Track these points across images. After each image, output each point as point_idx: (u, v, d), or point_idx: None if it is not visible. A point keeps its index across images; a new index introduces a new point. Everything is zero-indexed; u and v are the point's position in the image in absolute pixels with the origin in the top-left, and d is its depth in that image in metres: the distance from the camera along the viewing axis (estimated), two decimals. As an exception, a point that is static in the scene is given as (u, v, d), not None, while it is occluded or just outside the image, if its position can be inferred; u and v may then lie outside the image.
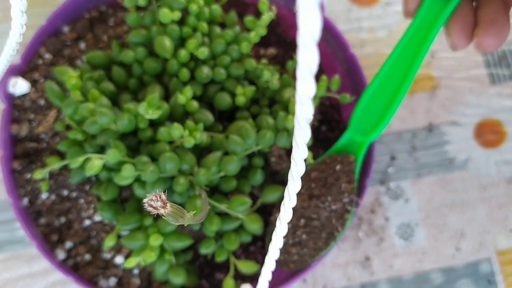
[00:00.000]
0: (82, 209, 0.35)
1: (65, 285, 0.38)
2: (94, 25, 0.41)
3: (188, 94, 0.34)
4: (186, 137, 0.32)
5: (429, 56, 0.50)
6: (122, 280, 0.34)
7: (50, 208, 0.35)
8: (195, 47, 0.36)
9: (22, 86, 0.37)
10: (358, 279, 0.44)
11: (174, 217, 0.20)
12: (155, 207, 0.19)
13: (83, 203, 0.35)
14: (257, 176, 0.35)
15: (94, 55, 0.37)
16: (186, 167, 0.33)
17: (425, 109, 0.48)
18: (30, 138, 0.37)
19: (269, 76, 0.36)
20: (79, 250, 0.35)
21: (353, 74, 0.41)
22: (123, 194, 0.35)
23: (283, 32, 0.43)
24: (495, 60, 0.51)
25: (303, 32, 0.14)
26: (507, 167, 0.48)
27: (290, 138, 0.34)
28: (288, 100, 0.35)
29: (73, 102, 0.33)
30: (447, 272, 0.45)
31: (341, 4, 0.53)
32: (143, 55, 0.36)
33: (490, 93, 0.49)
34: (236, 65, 0.36)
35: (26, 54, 0.37)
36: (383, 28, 0.52)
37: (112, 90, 0.35)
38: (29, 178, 0.36)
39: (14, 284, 0.40)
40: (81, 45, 0.40)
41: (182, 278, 0.33)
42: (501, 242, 0.46)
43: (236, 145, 0.33)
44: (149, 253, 0.31)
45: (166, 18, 0.35)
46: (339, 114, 0.43)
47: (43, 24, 0.38)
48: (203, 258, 0.37)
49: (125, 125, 0.32)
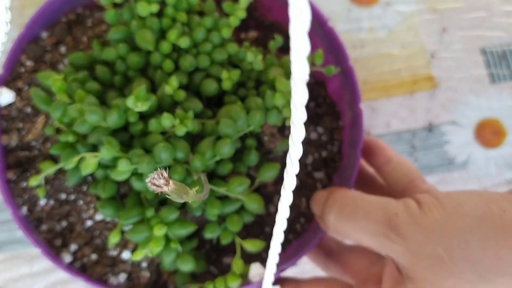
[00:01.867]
0: (82, 210, 0.35)
1: (65, 285, 0.38)
2: (72, 28, 0.40)
3: (174, 83, 0.34)
4: (177, 125, 0.32)
5: (429, 56, 0.51)
6: (131, 275, 0.34)
7: (50, 214, 0.35)
8: (176, 37, 0.36)
9: (7, 96, 0.37)
10: None
11: (178, 194, 0.20)
12: (158, 185, 0.19)
13: (82, 204, 0.35)
14: (251, 157, 0.35)
15: (76, 56, 0.37)
16: (181, 155, 0.33)
17: (425, 109, 0.49)
18: (21, 147, 0.37)
19: (253, 57, 0.36)
20: (84, 251, 0.35)
21: (334, 49, 0.41)
22: (121, 190, 0.35)
23: (261, 16, 0.43)
24: (495, 60, 0.51)
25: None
26: (507, 167, 0.48)
27: (280, 115, 0.34)
28: (274, 78, 0.36)
29: (61, 104, 0.33)
30: None
31: (341, 4, 0.53)
32: (125, 51, 0.36)
33: (490, 93, 0.50)
34: (219, 51, 0.37)
35: (7, 63, 0.37)
36: (383, 28, 0.53)
37: (98, 89, 0.35)
38: (25, 186, 0.36)
39: (14, 284, 0.40)
40: (61, 49, 0.39)
41: (190, 265, 0.33)
42: None
43: (228, 128, 0.33)
44: (155, 243, 0.31)
45: (144, 12, 0.35)
46: (324, 89, 0.44)
47: (22, 31, 0.38)
48: (208, 244, 0.37)
49: (116, 121, 0.32)
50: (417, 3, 0.55)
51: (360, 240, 0.29)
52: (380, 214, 0.28)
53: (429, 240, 0.26)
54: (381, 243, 0.28)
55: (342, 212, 0.30)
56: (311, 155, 0.41)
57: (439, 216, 0.27)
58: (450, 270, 0.26)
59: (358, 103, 0.39)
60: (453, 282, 0.26)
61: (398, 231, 0.27)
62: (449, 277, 0.26)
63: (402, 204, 0.28)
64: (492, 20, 0.55)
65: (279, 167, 0.35)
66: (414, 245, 0.27)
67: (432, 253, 0.26)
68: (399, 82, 0.53)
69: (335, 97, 0.43)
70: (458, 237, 0.26)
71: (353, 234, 0.29)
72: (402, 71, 0.53)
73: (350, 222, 0.29)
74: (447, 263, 0.26)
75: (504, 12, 0.54)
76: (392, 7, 0.53)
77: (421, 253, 0.26)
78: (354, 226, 0.29)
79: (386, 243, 0.28)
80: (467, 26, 0.54)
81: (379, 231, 0.28)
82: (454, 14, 0.55)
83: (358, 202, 0.30)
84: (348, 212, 0.30)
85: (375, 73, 0.52)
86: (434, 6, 0.55)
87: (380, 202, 0.29)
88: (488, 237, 0.25)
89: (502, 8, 0.55)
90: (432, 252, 0.26)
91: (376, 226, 0.28)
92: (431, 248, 0.26)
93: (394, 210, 0.28)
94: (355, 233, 0.29)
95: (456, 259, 0.26)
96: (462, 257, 0.25)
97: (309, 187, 0.40)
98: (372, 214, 0.28)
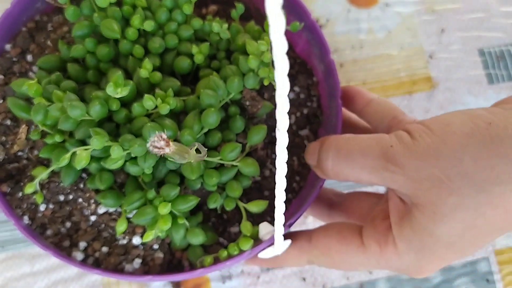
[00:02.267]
0: (83, 207, 0.35)
1: (66, 284, 0.39)
2: (34, 35, 0.40)
3: (148, 66, 0.35)
4: (160, 105, 0.33)
5: (427, 57, 0.52)
6: (145, 258, 0.35)
7: (52, 218, 0.36)
8: (140, 22, 0.36)
9: (-16, 113, 0.36)
10: (357, 278, 0.45)
11: (179, 154, 0.21)
12: (159, 147, 0.20)
13: (82, 201, 0.35)
14: (237, 123, 0.36)
15: (45, 60, 0.37)
16: (169, 133, 0.33)
17: (424, 110, 0.49)
18: (9, 160, 0.37)
19: (219, 27, 0.37)
20: (94, 246, 0.35)
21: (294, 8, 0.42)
22: (118, 180, 0.35)
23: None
24: (493, 60, 0.52)
25: None
26: None
27: (257, 77, 0.35)
28: (244, 43, 0.36)
29: (41, 107, 0.33)
30: (445, 271, 0.46)
31: (340, 6, 0.54)
32: (93, 45, 0.36)
33: (488, 93, 0.51)
34: (185, 27, 0.37)
35: (-23, 80, 0.37)
36: (382, 29, 0.54)
37: (74, 87, 0.35)
38: (22, 196, 0.36)
39: (16, 283, 0.40)
40: (28, 57, 0.39)
41: (201, 237, 0.34)
42: (499, 241, 0.47)
43: (210, 98, 0.34)
44: (163, 221, 0.32)
45: (104, 2, 0.35)
46: (293, 51, 0.45)
47: (-16, 47, 0.38)
48: (214, 217, 0.38)
49: (99, 111, 0.32)
50: (415, 4, 0.56)
51: (360, 178, 0.30)
52: (376, 149, 0.29)
53: (425, 164, 0.28)
54: (381, 176, 0.29)
55: (339, 155, 0.31)
56: (293, 115, 0.42)
57: (430, 140, 0.28)
58: (449, 188, 0.27)
59: (328, 55, 0.41)
60: (454, 199, 0.27)
61: (396, 162, 0.28)
62: (449, 195, 0.27)
63: (394, 136, 0.30)
64: (491, 21, 0.56)
65: (266, 127, 0.36)
66: (412, 171, 0.28)
67: (430, 176, 0.27)
68: (398, 83, 0.54)
69: (304, 55, 0.44)
70: (451, 156, 0.27)
71: (352, 173, 0.30)
72: (400, 72, 0.54)
73: (348, 163, 0.30)
74: (446, 182, 0.27)
75: (502, 13, 0.55)
76: (391, 8, 0.54)
77: (420, 178, 0.28)
78: (353, 165, 0.30)
79: (385, 175, 0.29)
80: (465, 27, 0.55)
81: (378, 165, 0.29)
82: (453, 15, 0.56)
83: (352, 142, 0.31)
84: (344, 153, 0.30)
85: (374, 74, 0.53)
86: (433, 7, 0.56)
87: (374, 138, 0.30)
88: (478, 150, 0.26)
89: (500, 9, 0.56)
90: (430, 175, 0.27)
91: (374, 161, 0.29)
92: (429, 172, 0.27)
93: (388, 143, 0.29)
94: (354, 172, 0.30)
95: (453, 177, 0.27)
96: (458, 174, 0.27)
97: (297, 146, 0.42)
98: (368, 150, 0.29)
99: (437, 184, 0.27)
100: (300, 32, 0.42)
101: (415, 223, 0.29)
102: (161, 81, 0.35)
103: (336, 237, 0.33)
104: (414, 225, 0.29)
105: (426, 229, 0.28)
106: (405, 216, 0.30)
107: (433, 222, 0.28)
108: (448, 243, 0.28)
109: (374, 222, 0.33)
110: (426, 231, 0.28)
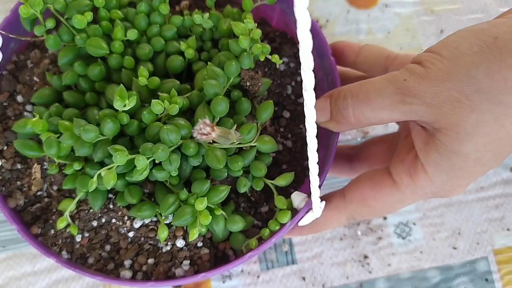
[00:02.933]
0: (118, 227, 0.35)
1: (66, 283, 0.39)
2: (17, 75, 0.40)
3: (144, 73, 0.35)
4: (168, 106, 0.33)
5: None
6: (193, 258, 0.35)
7: (90, 245, 0.35)
8: (122, 34, 0.36)
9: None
10: (357, 277, 0.46)
11: (224, 137, 0.21)
12: (207, 133, 0.20)
13: (116, 221, 0.35)
14: (244, 105, 0.36)
15: (40, 94, 0.36)
16: (185, 132, 0.33)
17: None
18: (30, 202, 0.36)
19: (201, 18, 0.37)
20: (139, 261, 0.35)
21: None
22: (145, 191, 0.36)
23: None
24: None
25: None
26: (503, 167, 0.50)
27: (251, 56, 0.36)
28: (229, 27, 0.37)
29: (52, 140, 0.33)
30: (444, 270, 0.46)
31: (340, 6, 0.54)
32: (83, 67, 0.36)
33: None
34: (167, 27, 0.37)
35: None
36: (381, 30, 0.54)
37: (77, 113, 0.35)
38: (55, 233, 0.35)
39: (17, 282, 0.41)
40: (18, 98, 0.39)
41: (241, 223, 0.34)
42: (497, 241, 0.48)
43: (214, 87, 0.34)
44: (203, 217, 0.32)
45: (81, 23, 0.35)
46: (269, 26, 0.45)
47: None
48: (244, 202, 0.38)
49: (112, 128, 0.32)
50: (415, 4, 0.57)
51: (382, 118, 0.31)
52: (390, 86, 0.30)
53: (441, 88, 0.28)
54: (401, 110, 0.30)
55: (357, 100, 0.31)
56: (288, 85, 0.43)
57: (443, 65, 0.29)
58: (469, 107, 0.28)
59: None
60: (475, 116, 0.28)
61: (412, 93, 0.29)
62: (470, 113, 0.28)
63: (405, 70, 0.30)
64: (489, 21, 0.56)
65: (272, 102, 0.36)
66: (429, 98, 0.29)
67: (448, 99, 0.28)
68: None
69: (282, 26, 0.44)
70: (465, 76, 0.28)
71: (374, 115, 0.31)
72: (400, 72, 0.54)
73: (368, 105, 0.31)
74: (464, 102, 0.28)
75: (500, 14, 0.56)
76: (390, 8, 0.55)
77: (438, 103, 0.29)
78: (373, 107, 0.31)
79: (405, 108, 0.30)
80: (464, 27, 0.55)
81: (396, 100, 0.30)
82: (452, 16, 0.56)
83: (367, 86, 0.31)
84: (362, 97, 0.31)
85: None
86: (432, 8, 0.56)
87: (385, 77, 0.31)
88: (490, 66, 0.27)
89: (499, 9, 0.56)
90: (447, 98, 0.28)
91: (391, 97, 0.30)
92: (446, 95, 0.28)
93: (401, 78, 0.30)
94: (375, 113, 0.31)
95: (470, 96, 0.28)
96: (475, 92, 0.28)
97: (301, 113, 0.42)
98: (383, 89, 0.30)
99: (456, 105, 0.28)
100: (273, 6, 0.43)
101: (440, 146, 0.30)
102: (160, 84, 0.35)
103: (368, 185, 0.34)
104: (440, 149, 0.30)
105: (452, 150, 0.29)
106: (430, 142, 0.31)
107: (458, 142, 0.29)
108: (474, 159, 0.29)
109: (400, 157, 0.34)
110: (453, 152, 0.29)
